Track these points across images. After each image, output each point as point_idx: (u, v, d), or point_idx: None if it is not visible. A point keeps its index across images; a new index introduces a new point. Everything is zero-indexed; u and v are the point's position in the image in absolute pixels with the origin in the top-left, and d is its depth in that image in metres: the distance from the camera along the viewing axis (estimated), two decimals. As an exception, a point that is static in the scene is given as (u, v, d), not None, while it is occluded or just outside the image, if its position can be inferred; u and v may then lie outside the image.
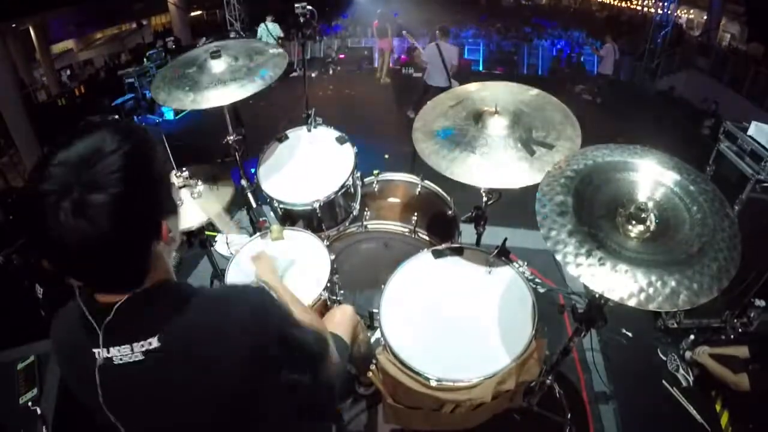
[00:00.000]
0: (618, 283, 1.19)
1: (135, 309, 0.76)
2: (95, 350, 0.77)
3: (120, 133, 0.72)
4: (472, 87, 2.08)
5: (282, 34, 8.72)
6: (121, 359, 0.76)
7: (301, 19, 2.47)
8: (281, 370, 0.82)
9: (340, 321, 1.66)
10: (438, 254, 1.96)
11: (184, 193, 2.05)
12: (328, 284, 1.86)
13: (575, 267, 1.22)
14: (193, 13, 14.93)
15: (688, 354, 2.70)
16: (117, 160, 0.68)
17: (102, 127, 0.72)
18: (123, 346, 0.76)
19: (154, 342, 0.76)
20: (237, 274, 1.88)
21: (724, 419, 2.46)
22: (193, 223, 2.00)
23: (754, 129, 2.78)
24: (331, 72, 10.29)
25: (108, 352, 0.76)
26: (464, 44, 11.50)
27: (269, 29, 8.51)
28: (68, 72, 12.94)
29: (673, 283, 1.17)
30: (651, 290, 1.17)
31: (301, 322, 0.93)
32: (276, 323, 0.86)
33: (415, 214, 2.26)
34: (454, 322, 1.73)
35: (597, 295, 1.38)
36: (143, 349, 0.76)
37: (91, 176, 0.66)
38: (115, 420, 0.80)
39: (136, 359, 0.76)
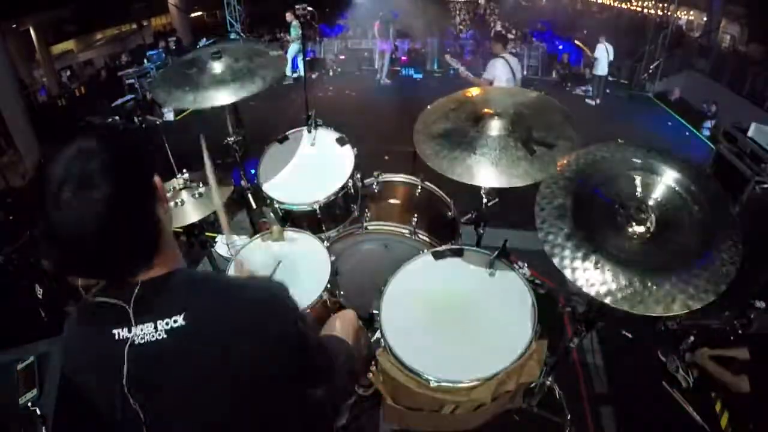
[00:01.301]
0: (614, 286, 1.18)
1: (159, 286, 0.79)
2: (116, 330, 0.78)
3: (101, 133, 0.80)
4: (472, 92, 2.09)
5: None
6: (143, 338, 0.77)
7: (301, 20, 2.48)
8: (300, 357, 0.91)
9: (342, 326, 1.66)
10: (438, 255, 1.96)
11: (185, 195, 2.05)
12: (328, 285, 1.86)
13: (572, 271, 1.22)
14: (193, 14, 14.94)
15: (688, 355, 2.69)
16: (103, 146, 0.76)
17: (87, 130, 0.84)
18: (147, 324, 0.77)
19: (179, 320, 0.77)
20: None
21: (724, 420, 2.46)
22: (194, 219, 2.01)
23: (754, 130, 2.78)
24: (331, 73, 10.31)
25: (129, 331, 0.78)
26: (465, 46, 11.51)
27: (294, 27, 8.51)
28: (68, 72, 12.91)
29: (668, 287, 1.16)
30: (647, 294, 1.16)
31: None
32: (293, 311, 0.91)
33: (416, 215, 2.26)
34: (454, 323, 1.73)
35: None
36: (167, 327, 0.77)
37: (85, 160, 0.73)
38: (134, 403, 0.79)
39: (159, 338, 0.77)
